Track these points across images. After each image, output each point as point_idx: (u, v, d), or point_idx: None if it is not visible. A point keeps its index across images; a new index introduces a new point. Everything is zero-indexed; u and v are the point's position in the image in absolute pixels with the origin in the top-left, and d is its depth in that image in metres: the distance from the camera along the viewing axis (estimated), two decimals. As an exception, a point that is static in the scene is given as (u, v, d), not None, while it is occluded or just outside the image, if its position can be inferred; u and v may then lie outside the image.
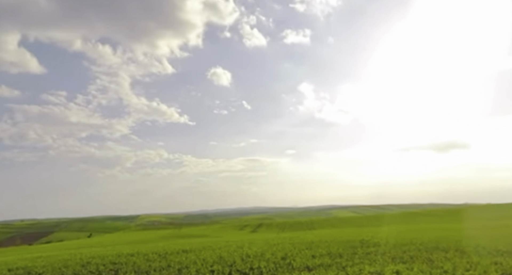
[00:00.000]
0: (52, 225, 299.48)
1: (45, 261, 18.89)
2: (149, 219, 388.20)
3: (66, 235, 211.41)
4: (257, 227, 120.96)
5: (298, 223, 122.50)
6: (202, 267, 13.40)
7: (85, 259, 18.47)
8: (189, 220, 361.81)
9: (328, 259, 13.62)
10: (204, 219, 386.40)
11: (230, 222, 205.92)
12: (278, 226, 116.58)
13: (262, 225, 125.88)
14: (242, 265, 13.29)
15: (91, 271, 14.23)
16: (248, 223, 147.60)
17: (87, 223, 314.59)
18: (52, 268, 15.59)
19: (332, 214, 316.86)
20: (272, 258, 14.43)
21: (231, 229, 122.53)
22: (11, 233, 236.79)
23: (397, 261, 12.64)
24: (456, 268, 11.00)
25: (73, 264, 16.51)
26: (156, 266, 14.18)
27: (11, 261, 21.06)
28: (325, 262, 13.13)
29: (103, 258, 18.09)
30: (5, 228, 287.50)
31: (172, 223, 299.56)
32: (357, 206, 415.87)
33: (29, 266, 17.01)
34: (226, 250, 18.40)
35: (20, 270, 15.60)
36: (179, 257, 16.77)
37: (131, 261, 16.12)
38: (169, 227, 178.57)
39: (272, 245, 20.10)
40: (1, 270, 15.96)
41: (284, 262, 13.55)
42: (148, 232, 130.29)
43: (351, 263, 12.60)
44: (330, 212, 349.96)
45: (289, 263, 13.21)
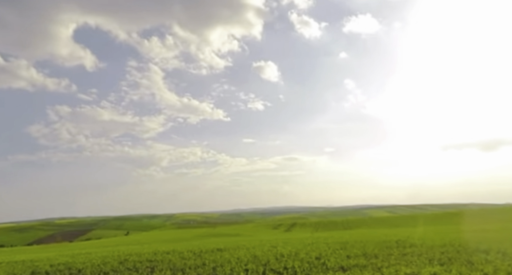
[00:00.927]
0: (91, 223, 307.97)
1: (84, 258, 19.48)
2: (184, 218, 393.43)
3: (104, 233, 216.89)
4: (291, 226, 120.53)
5: (332, 222, 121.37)
6: (237, 265, 13.49)
7: (123, 256, 18.92)
8: (224, 219, 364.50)
9: (363, 260, 13.44)
10: (238, 218, 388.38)
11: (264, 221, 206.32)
12: (312, 225, 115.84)
13: (296, 225, 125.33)
14: (276, 265, 13.30)
15: (128, 268, 14.57)
16: (282, 223, 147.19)
17: (124, 221, 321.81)
18: (91, 264, 16.06)
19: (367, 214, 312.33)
20: (306, 258, 14.37)
21: (265, 228, 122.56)
22: (52, 231, 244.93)
23: (435, 262, 12.34)
24: (497, 271, 10.63)
25: (111, 261, 16.96)
26: (191, 264, 14.38)
27: (53, 257, 21.83)
28: (360, 262, 12.97)
29: (140, 256, 18.49)
30: (46, 226, 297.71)
31: (207, 222, 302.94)
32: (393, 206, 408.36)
33: (70, 262, 17.60)
34: (260, 249, 18.44)
35: (61, 266, 16.15)
36: (213, 255, 16.94)
37: (167, 259, 16.40)
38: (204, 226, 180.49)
39: (306, 244, 20.01)
40: (43, 266, 16.59)
41: (318, 262, 13.47)
42: (183, 231, 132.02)
43: (387, 264, 12.40)
44: (365, 212, 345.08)
45: (323, 263, 13.12)
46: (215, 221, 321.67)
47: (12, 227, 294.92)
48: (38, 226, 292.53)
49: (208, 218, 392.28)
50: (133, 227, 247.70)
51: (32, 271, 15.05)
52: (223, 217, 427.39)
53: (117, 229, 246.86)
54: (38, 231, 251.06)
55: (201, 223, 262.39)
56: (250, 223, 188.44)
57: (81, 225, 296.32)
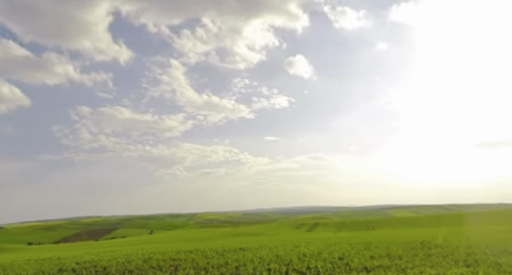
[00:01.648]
0: (115, 222, 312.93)
1: (109, 256, 19.83)
2: (207, 217, 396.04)
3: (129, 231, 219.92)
4: (313, 226, 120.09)
5: (355, 222, 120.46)
6: (259, 265, 13.51)
7: (147, 254, 19.19)
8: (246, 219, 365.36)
9: (387, 261, 13.30)
10: (260, 217, 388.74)
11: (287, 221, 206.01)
12: (335, 225, 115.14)
13: (318, 224, 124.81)
14: (299, 264, 13.27)
15: (152, 266, 14.76)
16: (305, 222, 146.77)
17: (148, 220, 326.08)
18: (116, 262, 16.33)
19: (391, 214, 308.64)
20: (329, 258, 14.30)
21: (288, 228, 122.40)
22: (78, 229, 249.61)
23: (461, 264, 12.12)
24: (526, 273, 10.39)
25: (136, 259, 17.21)
26: (214, 263, 14.47)
27: (79, 255, 22.30)
28: (384, 263, 12.83)
29: (164, 254, 18.72)
30: (72, 224, 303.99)
31: (230, 221, 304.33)
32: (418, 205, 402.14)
33: (95, 260, 17.94)
34: (283, 249, 18.43)
35: (87, 264, 16.49)
36: (236, 254, 17.01)
37: (190, 258, 16.55)
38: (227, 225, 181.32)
39: (329, 244, 19.91)
40: (70, 263, 16.97)
41: (342, 262, 13.38)
42: (206, 230, 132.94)
43: (411, 265, 12.23)
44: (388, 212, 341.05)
45: (347, 264, 13.03)
46: (237, 220, 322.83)
47: (40, 225, 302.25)
48: (65, 225, 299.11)
49: (231, 218, 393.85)
50: (157, 226, 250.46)
51: (59, 269, 15.39)
52: (245, 216, 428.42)
53: (141, 228, 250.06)
54: (64, 229, 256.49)
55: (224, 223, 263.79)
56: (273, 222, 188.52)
57: (106, 224, 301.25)
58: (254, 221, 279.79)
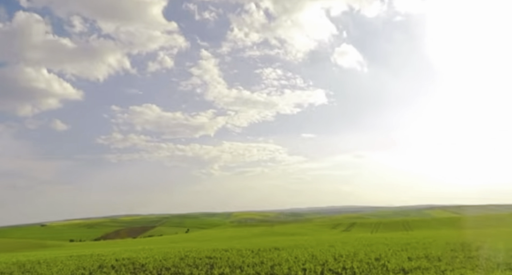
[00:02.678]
0: (153, 221, 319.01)
1: (147, 253, 20.30)
2: (242, 216, 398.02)
3: (166, 230, 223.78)
4: (349, 226, 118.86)
5: (393, 223, 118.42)
6: (294, 264, 13.48)
7: (183, 252, 19.52)
8: (281, 218, 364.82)
9: (426, 262, 13.01)
10: (296, 217, 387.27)
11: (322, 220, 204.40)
12: (371, 225, 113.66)
13: (355, 224, 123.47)
14: (334, 265, 13.16)
15: (188, 264, 14.98)
16: (341, 222, 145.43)
17: (184, 219, 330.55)
18: (153, 259, 16.69)
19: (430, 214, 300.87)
20: (365, 259, 14.11)
21: (323, 227, 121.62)
22: (117, 227, 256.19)
23: (504, 267, 11.70)
24: None
25: (173, 257, 17.53)
26: (249, 262, 14.54)
27: (118, 252, 22.93)
28: (423, 265, 12.56)
29: (200, 252, 18.98)
30: (112, 222, 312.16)
31: (265, 220, 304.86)
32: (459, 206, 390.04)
33: (134, 257, 18.40)
34: (318, 249, 18.33)
35: (126, 260, 16.93)
36: (271, 254, 17.04)
37: (225, 256, 16.71)
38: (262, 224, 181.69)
39: (366, 245, 19.66)
40: (109, 260, 17.47)
41: (378, 263, 13.18)
42: (242, 229, 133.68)
43: (451, 268, 11.92)
44: (427, 212, 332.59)
45: (383, 265, 12.83)
46: (272, 220, 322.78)
47: (81, 223, 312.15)
48: (105, 223, 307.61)
49: (266, 217, 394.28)
50: (193, 225, 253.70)
51: (99, 265, 15.85)
52: (281, 216, 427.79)
53: (178, 226, 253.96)
54: (104, 227, 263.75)
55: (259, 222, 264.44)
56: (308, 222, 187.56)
57: (144, 222, 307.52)
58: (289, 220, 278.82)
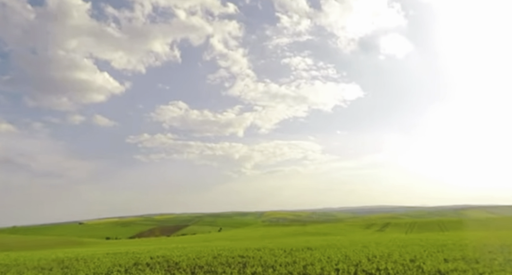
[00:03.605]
0: (186, 219, 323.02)
1: (180, 252, 20.59)
2: (274, 215, 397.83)
3: (199, 228, 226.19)
4: (383, 226, 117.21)
5: (428, 223, 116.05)
6: (327, 265, 13.40)
7: (216, 251, 19.70)
8: (314, 218, 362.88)
9: (463, 264, 12.68)
10: (328, 217, 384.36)
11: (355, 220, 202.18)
12: (406, 226, 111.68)
13: (389, 225, 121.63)
14: (368, 265, 13.01)
15: (221, 262, 15.11)
16: (374, 222, 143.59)
17: (216, 218, 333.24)
18: (187, 258, 16.92)
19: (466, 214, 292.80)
20: (400, 260, 13.88)
21: (356, 227, 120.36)
22: (152, 225, 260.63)
23: (546, 270, 11.30)
24: None
25: (206, 255, 17.73)
26: (282, 262, 14.54)
27: (152, 250, 23.39)
28: (460, 267, 12.25)
29: (232, 251, 19.11)
30: (146, 221, 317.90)
31: (297, 220, 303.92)
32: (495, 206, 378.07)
33: (167, 255, 18.72)
34: (351, 249, 18.15)
35: (160, 258, 17.25)
36: (304, 254, 16.98)
37: (258, 255, 16.76)
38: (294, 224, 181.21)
39: (400, 246, 19.34)
40: (144, 258, 17.83)
41: (413, 264, 12.94)
42: (274, 228, 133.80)
43: (490, 270, 11.58)
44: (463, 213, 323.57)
45: (419, 266, 12.58)
46: (305, 219, 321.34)
47: (116, 221, 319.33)
48: (139, 221, 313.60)
49: (298, 216, 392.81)
50: (225, 224, 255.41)
51: (134, 262, 16.19)
52: (313, 215, 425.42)
53: (210, 225, 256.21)
54: (139, 225, 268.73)
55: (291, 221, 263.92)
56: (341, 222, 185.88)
57: (178, 221, 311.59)
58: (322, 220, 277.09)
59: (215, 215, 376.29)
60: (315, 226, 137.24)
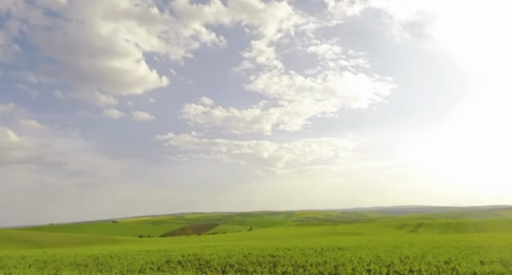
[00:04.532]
0: (217, 218, 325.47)
1: (211, 250, 20.78)
2: (305, 215, 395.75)
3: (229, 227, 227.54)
4: (416, 227, 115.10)
5: (463, 224, 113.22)
6: (359, 265, 13.25)
7: (247, 250, 19.79)
8: (344, 218, 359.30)
9: (500, 267, 12.31)
10: (359, 217, 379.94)
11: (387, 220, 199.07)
12: (440, 226, 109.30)
13: (422, 225, 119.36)
14: (400, 267, 12.80)
15: (252, 261, 15.16)
16: (407, 223, 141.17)
17: (247, 217, 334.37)
18: (217, 256, 17.07)
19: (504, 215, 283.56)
20: (433, 262, 13.59)
21: (388, 228, 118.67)
22: (183, 224, 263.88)
23: None
24: None
25: (236, 254, 17.84)
26: (312, 261, 14.47)
27: (184, 248, 23.70)
28: (497, 269, 11.90)
29: (263, 251, 19.16)
30: (178, 220, 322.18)
31: (328, 220, 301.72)
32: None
33: (199, 253, 18.94)
34: (383, 250, 17.90)
35: (191, 257, 17.46)
36: (334, 254, 16.85)
37: (288, 255, 16.74)
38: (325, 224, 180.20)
39: (434, 247, 18.94)
40: (175, 255, 18.10)
41: (448, 266, 12.65)
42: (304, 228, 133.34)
43: (529, 273, 11.20)
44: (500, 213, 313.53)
45: (454, 268, 12.29)
46: (335, 219, 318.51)
47: (148, 220, 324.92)
48: (171, 220, 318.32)
49: (329, 216, 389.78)
50: (255, 223, 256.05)
51: (166, 260, 16.45)
52: (344, 215, 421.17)
53: (240, 224, 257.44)
54: (171, 224, 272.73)
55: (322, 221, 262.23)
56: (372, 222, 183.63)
57: (208, 220, 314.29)
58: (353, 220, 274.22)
59: (245, 214, 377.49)
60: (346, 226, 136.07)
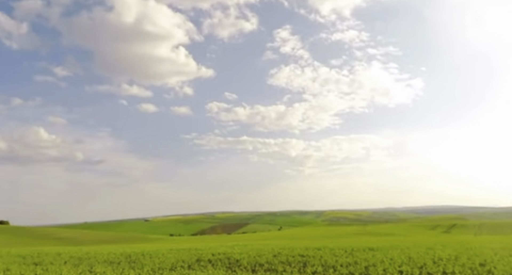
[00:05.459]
0: (246, 218, 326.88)
1: (241, 249, 20.90)
2: (335, 215, 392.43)
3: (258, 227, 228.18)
4: (449, 227, 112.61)
5: (499, 225, 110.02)
6: (390, 266, 13.06)
7: (276, 250, 19.80)
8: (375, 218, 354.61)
9: (540, 269, 11.90)
10: (390, 217, 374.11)
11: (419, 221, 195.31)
12: (474, 227, 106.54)
13: (455, 226, 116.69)
14: (433, 268, 12.54)
15: (281, 261, 15.16)
16: (439, 223, 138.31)
17: (276, 217, 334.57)
18: (247, 255, 17.14)
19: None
20: (468, 264, 13.25)
21: (420, 228, 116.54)
22: (213, 223, 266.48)
23: None
24: None
25: (266, 253, 17.88)
26: (343, 262, 14.34)
27: (214, 247, 23.90)
28: (536, 272, 11.51)
29: (292, 250, 19.13)
30: (208, 219, 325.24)
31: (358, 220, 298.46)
32: None
33: (229, 252, 19.09)
34: (415, 251, 17.58)
35: (221, 255, 17.62)
36: (365, 254, 16.66)
37: (318, 255, 16.65)
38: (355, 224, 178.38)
39: (468, 248, 18.46)
40: (206, 254, 18.31)
41: (483, 269, 12.31)
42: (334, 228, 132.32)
43: None
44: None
45: (489, 271, 11.96)
46: (366, 219, 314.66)
47: (179, 219, 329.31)
48: (201, 219, 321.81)
49: (359, 216, 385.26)
50: (285, 223, 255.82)
51: (197, 259, 16.64)
52: (374, 215, 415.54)
53: (270, 224, 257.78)
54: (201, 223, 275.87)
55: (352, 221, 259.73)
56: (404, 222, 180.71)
57: (238, 219, 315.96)
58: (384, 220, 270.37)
59: (274, 214, 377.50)
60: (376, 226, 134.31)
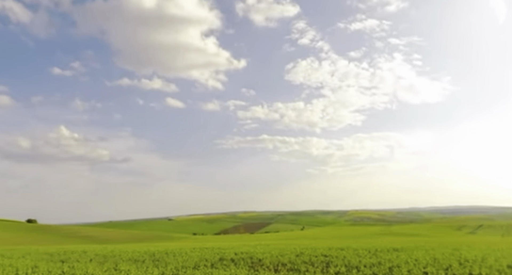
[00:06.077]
0: (269, 217, 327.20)
1: (264, 249, 20.91)
2: (358, 215, 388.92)
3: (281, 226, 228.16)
4: (476, 228, 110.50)
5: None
6: (415, 267, 12.88)
7: (299, 249, 19.76)
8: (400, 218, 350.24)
9: None
10: (415, 217, 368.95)
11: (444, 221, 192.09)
12: (502, 228, 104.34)
13: (482, 227, 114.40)
14: (459, 270, 12.31)
15: (304, 261, 15.11)
16: (465, 224, 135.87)
17: (299, 216, 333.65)
18: (270, 255, 17.15)
19: None
20: (495, 265, 12.96)
21: (446, 229, 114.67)
22: (236, 223, 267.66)
23: None
24: None
25: (288, 253, 17.85)
26: (366, 262, 14.22)
27: (236, 246, 24.01)
28: None
29: (315, 250, 19.06)
30: (231, 218, 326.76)
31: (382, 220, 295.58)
32: None
33: (251, 251, 19.14)
34: (441, 252, 17.29)
35: (244, 255, 17.68)
36: (389, 255, 16.47)
37: (341, 255, 16.54)
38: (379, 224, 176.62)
39: (496, 250, 18.06)
40: (229, 253, 18.41)
41: (511, 271, 12.04)
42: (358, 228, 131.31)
43: None
44: None
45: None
46: (390, 219, 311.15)
47: (203, 218, 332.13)
48: (224, 218, 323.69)
49: (383, 216, 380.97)
50: (307, 223, 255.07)
51: (220, 258, 16.74)
52: (399, 215, 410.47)
53: (293, 223, 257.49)
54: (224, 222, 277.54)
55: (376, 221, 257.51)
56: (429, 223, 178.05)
57: (261, 218, 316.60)
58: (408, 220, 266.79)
59: (297, 213, 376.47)
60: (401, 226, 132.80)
